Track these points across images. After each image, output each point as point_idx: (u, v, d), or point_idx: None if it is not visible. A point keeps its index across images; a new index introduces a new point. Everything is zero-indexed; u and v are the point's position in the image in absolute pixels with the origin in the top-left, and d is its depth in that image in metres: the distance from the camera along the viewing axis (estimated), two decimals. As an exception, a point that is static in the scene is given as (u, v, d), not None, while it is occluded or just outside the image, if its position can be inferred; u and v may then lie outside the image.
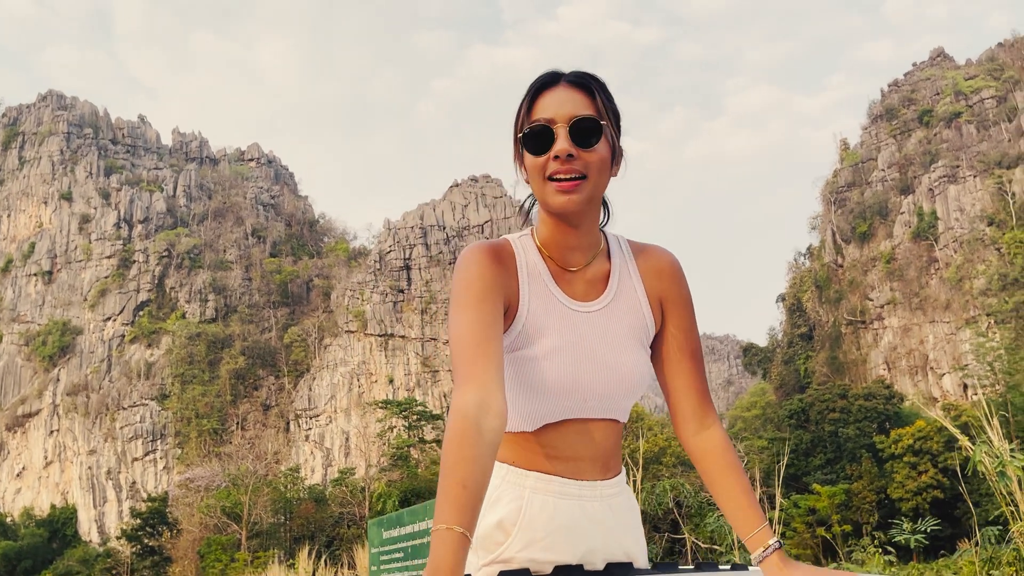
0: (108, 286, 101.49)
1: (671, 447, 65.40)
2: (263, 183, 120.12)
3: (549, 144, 1.48)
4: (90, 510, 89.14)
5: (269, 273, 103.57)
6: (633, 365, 1.56)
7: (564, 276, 1.58)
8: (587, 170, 1.47)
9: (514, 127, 1.54)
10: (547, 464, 1.58)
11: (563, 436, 1.58)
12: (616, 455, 1.62)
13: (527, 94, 1.53)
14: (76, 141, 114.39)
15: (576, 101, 1.49)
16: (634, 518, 1.65)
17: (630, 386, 1.57)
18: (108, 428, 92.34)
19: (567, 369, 1.54)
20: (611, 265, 1.61)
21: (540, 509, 1.56)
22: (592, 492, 1.58)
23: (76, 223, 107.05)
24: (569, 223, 1.53)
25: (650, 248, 1.66)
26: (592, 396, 1.55)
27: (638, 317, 1.60)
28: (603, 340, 1.56)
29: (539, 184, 1.50)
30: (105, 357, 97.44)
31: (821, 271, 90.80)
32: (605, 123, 1.49)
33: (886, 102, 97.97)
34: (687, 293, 1.64)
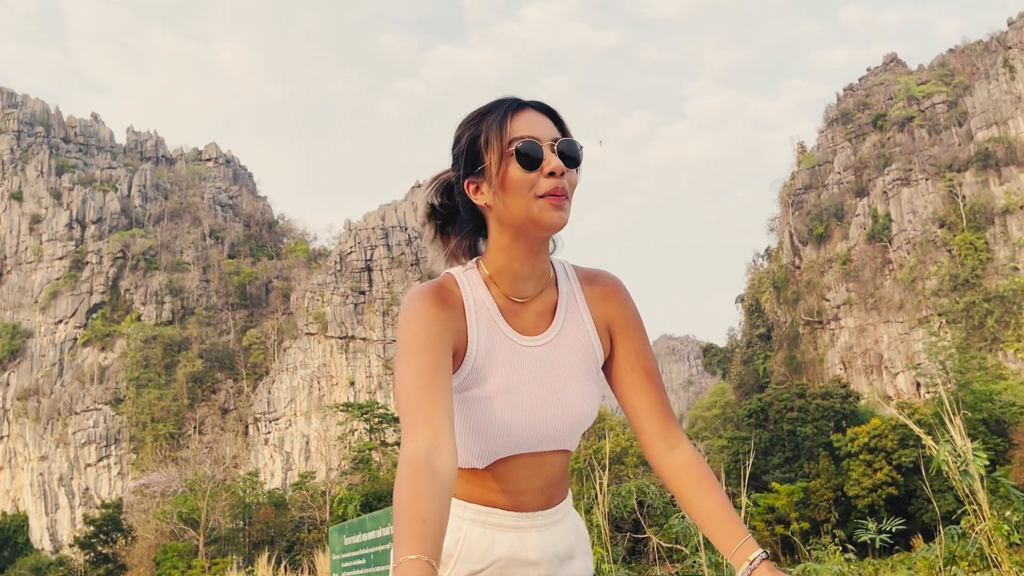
0: (60, 288, 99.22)
1: (633, 447, 65.81)
2: (221, 183, 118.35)
3: (540, 161, 1.45)
4: (42, 517, 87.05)
5: (227, 275, 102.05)
6: (581, 398, 1.54)
7: (512, 309, 1.55)
8: (568, 192, 1.47)
9: (481, 142, 1.49)
10: (488, 497, 1.56)
11: (512, 471, 1.56)
12: (563, 482, 1.61)
13: (498, 113, 1.49)
14: (27, 139, 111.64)
15: (549, 126, 1.51)
16: (579, 541, 1.63)
17: (579, 419, 1.55)
18: (60, 433, 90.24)
19: (516, 408, 1.51)
20: (559, 294, 1.59)
21: (478, 541, 1.54)
22: (531, 523, 1.56)
23: (26, 223, 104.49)
24: (534, 246, 1.51)
25: (595, 274, 1.64)
26: (541, 433, 1.53)
27: (586, 347, 1.57)
28: (551, 375, 1.54)
29: (526, 201, 1.46)
30: (57, 361, 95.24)
31: (779, 272, 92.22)
32: (582, 148, 1.52)
33: (841, 106, 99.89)
34: (635, 315, 1.62)
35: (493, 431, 1.51)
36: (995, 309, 73.73)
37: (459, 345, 1.49)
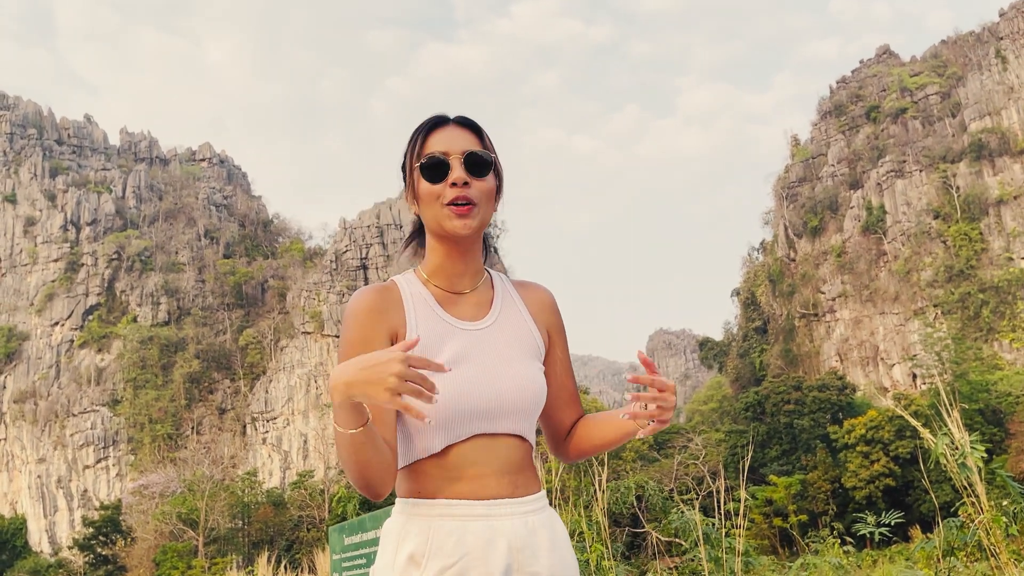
0: (55, 290, 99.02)
1: (631, 442, 65.94)
2: (215, 183, 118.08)
3: (445, 174, 1.64)
4: (40, 520, 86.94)
5: (223, 275, 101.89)
6: (528, 375, 1.66)
7: (450, 299, 1.70)
8: (478, 198, 1.65)
9: (407, 161, 1.70)
10: (451, 488, 1.61)
11: (466, 454, 1.62)
12: (527, 473, 1.66)
13: (419, 132, 1.69)
14: (19, 142, 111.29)
15: (466, 138, 1.68)
16: (557, 537, 1.66)
17: (531, 396, 1.65)
18: (58, 435, 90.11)
19: (469, 379, 1.61)
20: (494, 291, 1.75)
21: (448, 535, 1.58)
22: (501, 510, 1.60)
23: (21, 226, 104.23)
24: (459, 247, 1.68)
25: (530, 284, 1.81)
26: (497, 405, 1.62)
27: (526, 333, 1.71)
28: (495, 353, 1.66)
29: (434, 210, 1.65)
30: (53, 363, 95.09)
31: (774, 265, 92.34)
32: (494, 156, 1.70)
33: (835, 99, 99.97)
34: (561, 322, 1.80)
35: (450, 403, 1.58)
36: (990, 299, 73.95)
37: (398, 332, 1.64)
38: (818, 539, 7.33)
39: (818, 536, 6.64)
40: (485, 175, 1.67)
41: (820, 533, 6.51)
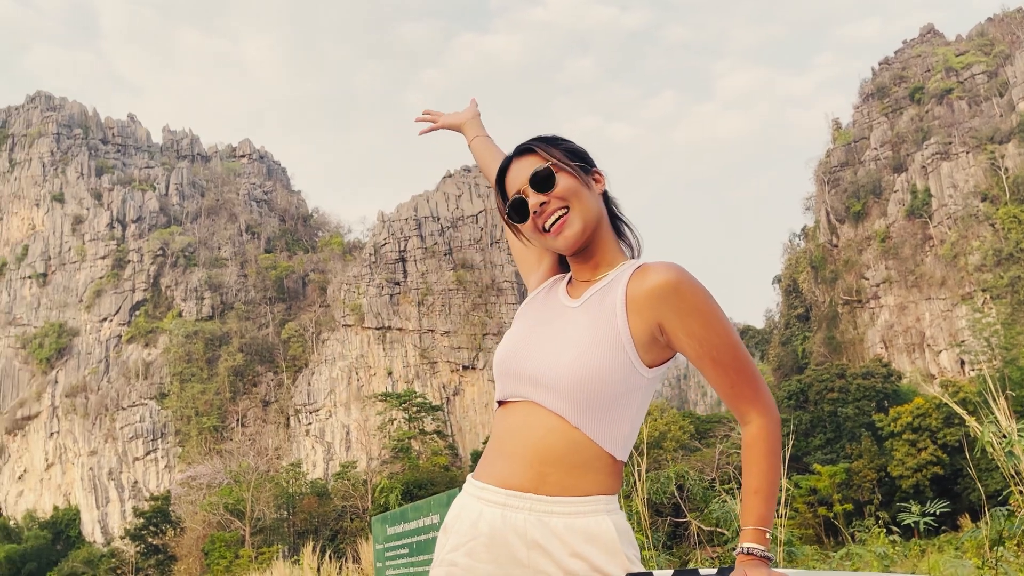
0: (103, 287, 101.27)
1: (671, 432, 65.56)
2: (256, 179, 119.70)
3: (526, 208, 1.74)
4: (93, 511, 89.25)
5: (264, 269, 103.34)
6: (575, 357, 1.62)
7: (576, 285, 1.80)
8: (565, 202, 1.71)
9: (499, 212, 1.85)
10: (483, 467, 1.70)
11: (502, 425, 1.71)
12: (564, 468, 1.61)
13: (496, 186, 1.84)
14: (66, 142, 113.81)
15: (526, 165, 1.76)
16: (595, 547, 1.59)
17: (559, 372, 1.63)
18: (108, 428, 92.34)
19: (515, 338, 1.75)
20: (607, 277, 1.74)
21: (464, 512, 1.68)
22: (521, 503, 1.60)
23: (69, 224, 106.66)
24: (578, 256, 1.78)
25: (649, 269, 1.69)
26: (520, 373, 1.69)
27: (606, 322, 1.66)
28: (558, 326, 1.71)
29: (540, 239, 1.76)
30: (103, 358, 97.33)
31: (816, 251, 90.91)
32: (551, 163, 1.73)
33: (877, 80, 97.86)
34: (689, 304, 1.64)
35: (498, 357, 1.77)
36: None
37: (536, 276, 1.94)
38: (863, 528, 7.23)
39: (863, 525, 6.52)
40: (555, 182, 1.71)
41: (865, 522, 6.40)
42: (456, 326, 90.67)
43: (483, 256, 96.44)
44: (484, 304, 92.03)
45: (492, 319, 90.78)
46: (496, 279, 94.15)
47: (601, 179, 1.81)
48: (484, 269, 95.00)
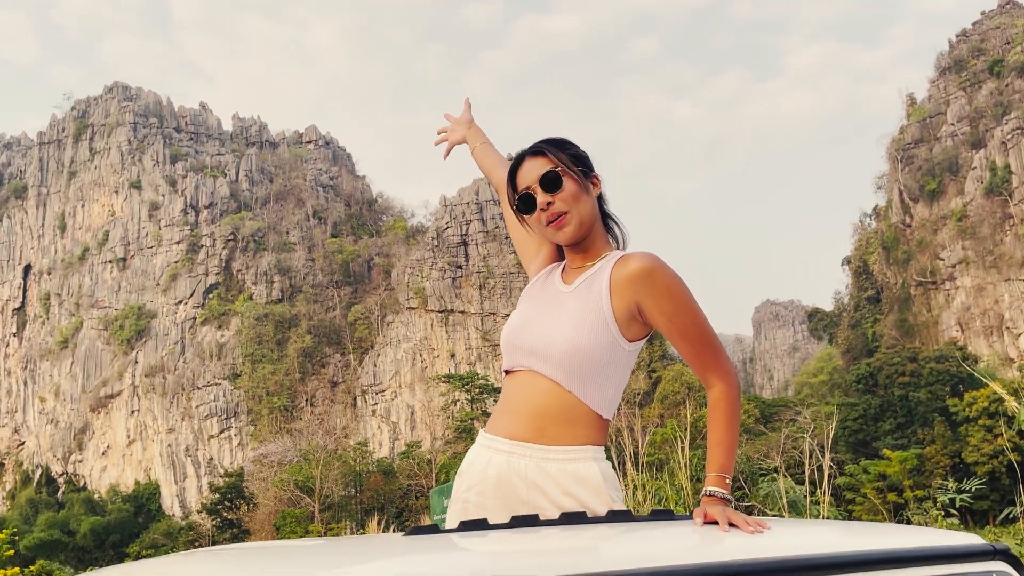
0: (179, 271, 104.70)
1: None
2: (322, 164, 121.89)
3: (534, 202, 2.04)
4: (171, 485, 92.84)
5: (331, 253, 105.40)
6: (566, 331, 1.94)
7: (568, 272, 2.10)
8: (568, 205, 2.01)
9: (510, 202, 2.15)
10: (493, 423, 2.02)
11: (508, 389, 2.03)
12: (558, 423, 1.93)
13: (508, 180, 2.13)
14: (142, 131, 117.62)
15: (537, 164, 2.05)
16: (584, 487, 1.89)
17: (555, 344, 1.94)
18: (185, 407, 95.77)
19: (518, 318, 2.07)
20: (595, 267, 2.04)
21: (476, 459, 2.01)
22: (523, 451, 1.93)
23: (146, 210, 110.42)
24: (572, 247, 2.09)
25: (630, 257, 1.98)
26: (524, 346, 2.00)
27: (594, 303, 1.96)
28: (553, 307, 2.02)
29: (542, 230, 2.09)
30: (179, 339, 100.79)
31: (888, 232, 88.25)
32: (560, 168, 2.02)
33: (954, 53, 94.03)
34: (661, 286, 1.92)
35: (506, 333, 2.08)
36: None
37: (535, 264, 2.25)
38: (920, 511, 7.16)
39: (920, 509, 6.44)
40: (561, 185, 2.01)
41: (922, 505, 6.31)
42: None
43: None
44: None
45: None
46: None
47: (598, 183, 2.12)
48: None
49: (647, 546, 1.50)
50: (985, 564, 1.55)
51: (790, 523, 1.87)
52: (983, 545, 1.59)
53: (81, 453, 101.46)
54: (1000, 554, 1.58)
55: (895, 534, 1.71)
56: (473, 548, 1.52)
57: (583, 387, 1.93)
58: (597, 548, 1.52)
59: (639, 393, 71.66)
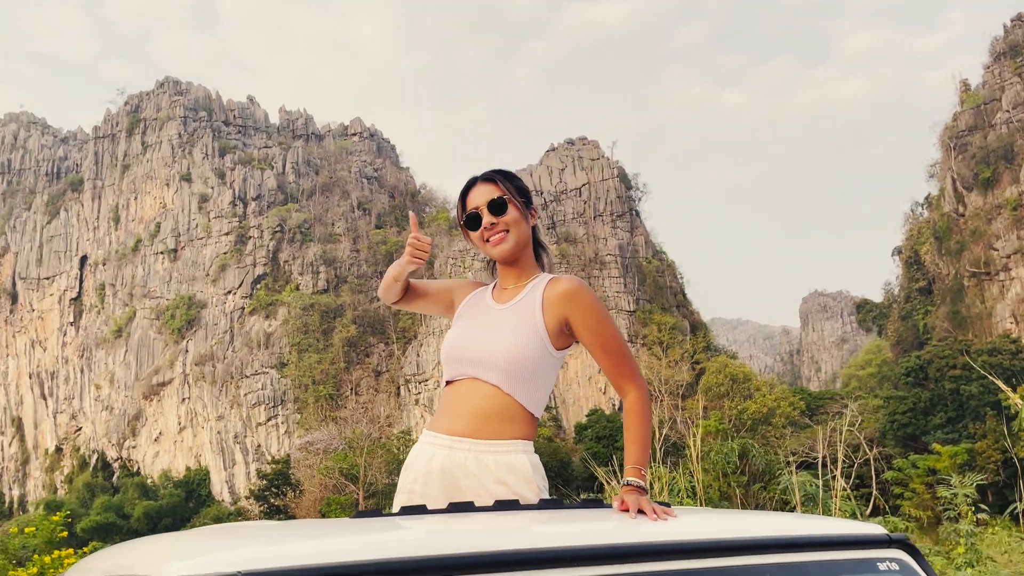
0: (227, 261, 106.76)
1: (780, 408, 64.09)
2: (366, 156, 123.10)
3: (479, 221, 2.38)
4: (221, 472, 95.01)
5: (375, 244, 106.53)
6: (509, 341, 2.27)
7: (501, 292, 2.44)
8: (508, 227, 2.37)
9: (458, 216, 2.46)
10: (435, 422, 2.34)
11: (452, 397, 2.33)
12: (496, 421, 2.26)
13: (460, 199, 2.44)
14: (192, 124, 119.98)
15: (487, 191, 2.40)
16: (514, 476, 2.20)
17: (495, 353, 2.26)
18: (233, 395, 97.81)
19: (460, 333, 2.37)
20: (527, 287, 2.39)
21: (420, 454, 2.33)
22: (462, 446, 2.25)
23: (196, 203, 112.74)
24: (504, 263, 2.43)
25: (560, 280, 2.36)
26: (467, 358, 2.30)
27: (530, 317, 2.30)
28: (493, 323, 2.33)
29: (482, 246, 2.42)
30: (228, 329, 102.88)
31: (940, 221, 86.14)
32: (507, 196, 2.38)
33: (1010, 38, 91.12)
34: (586, 305, 2.29)
35: (447, 348, 2.38)
36: None
37: (455, 302, 2.52)
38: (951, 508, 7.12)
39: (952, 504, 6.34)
40: (506, 210, 2.39)
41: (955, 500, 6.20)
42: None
43: (586, 229, 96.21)
44: (587, 277, 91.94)
45: (596, 292, 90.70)
46: (599, 252, 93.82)
47: (535, 215, 2.49)
48: (587, 243, 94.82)
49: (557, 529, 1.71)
50: (883, 551, 1.72)
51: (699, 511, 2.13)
52: (882, 534, 1.76)
53: (135, 439, 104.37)
54: (898, 543, 1.75)
55: (799, 522, 1.89)
56: (408, 528, 1.71)
57: (520, 389, 2.25)
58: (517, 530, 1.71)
59: (682, 385, 71.20)
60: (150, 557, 1.52)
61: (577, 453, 54.68)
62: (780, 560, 1.62)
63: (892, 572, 1.70)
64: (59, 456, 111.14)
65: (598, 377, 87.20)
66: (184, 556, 1.39)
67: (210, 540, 1.58)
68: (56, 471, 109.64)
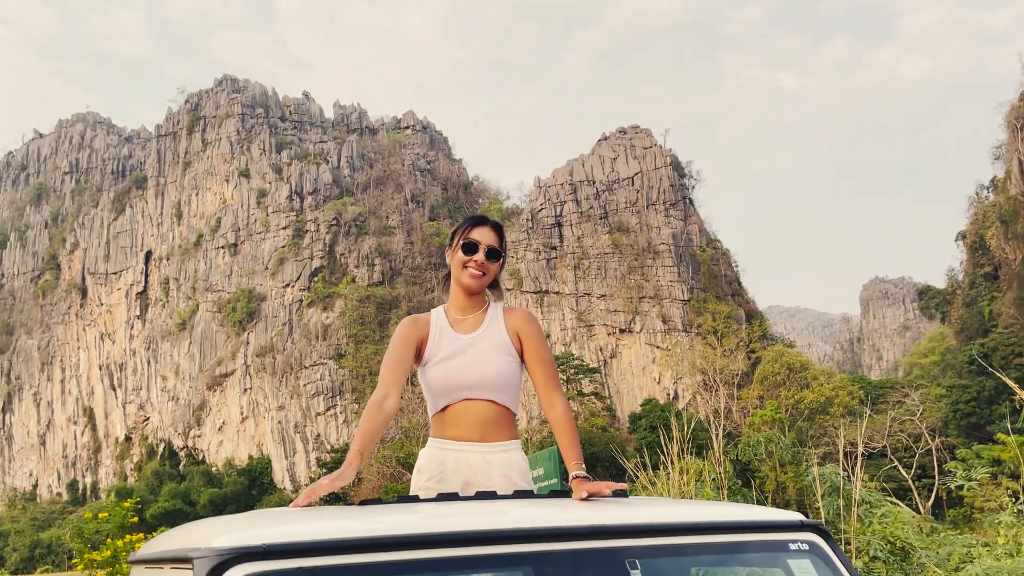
0: (285, 255, 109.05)
1: (838, 397, 62.99)
2: (419, 149, 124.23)
3: (474, 253, 2.83)
4: (282, 460, 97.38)
5: (429, 236, 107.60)
6: (495, 366, 2.79)
7: (459, 321, 2.87)
8: (487, 271, 2.85)
9: (456, 233, 2.90)
10: (446, 432, 2.81)
11: (454, 414, 2.79)
12: (495, 427, 2.79)
13: (468, 223, 2.90)
14: (250, 121, 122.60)
15: (492, 237, 2.87)
16: (512, 469, 2.77)
17: (491, 377, 2.78)
18: (293, 386, 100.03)
19: (451, 369, 2.79)
20: (487, 315, 2.88)
21: (432, 457, 2.80)
22: (471, 449, 2.77)
23: (254, 198, 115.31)
24: (469, 293, 2.87)
25: (513, 309, 2.92)
26: (464, 385, 2.78)
27: (502, 340, 2.83)
28: (474, 352, 2.79)
29: (460, 268, 2.87)
30: (287, 321, 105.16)
31: (1007, 205, 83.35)
32: (503, 253, 2.90)
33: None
34: (534, 329, 2.87)
35: (441, 383, 2.80)
36: None
37: (422, 343, 2.84)
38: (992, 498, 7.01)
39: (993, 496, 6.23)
40: (495, 262, 2.88)
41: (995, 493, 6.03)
42: (612, 289, 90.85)
43: (639, 219, 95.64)
44: (640, 267, 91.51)
45: (648, 282, 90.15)
46: (652, 242, 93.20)
47: (504, 263, 2.97)
48: (640, 232, 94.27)
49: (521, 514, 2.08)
50: (796, 535, 2.02)
51: (651, 500, 2.61)
52: (795, 520, 2.07)
53: (200, 428, 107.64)
54: (812, 527, 2.05)
55: (728, 509, 2.21)
56: (402, 513, 2.04)
57: (506, 399, 2.80)
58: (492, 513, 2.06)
59: (737, 374, 70.47)
60: (199, 535, 1.88)
61: (631, 443, 54.70)
62: (705, 541, 1.95)
63: (802, 552, 2.00)
64: (128, 445, 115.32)
65: (652, 367, 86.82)
66: (224, 533, 1.75)
67: (248, 521, 1.94)
68: (126, 459, 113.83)
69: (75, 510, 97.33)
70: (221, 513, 69.93)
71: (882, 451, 46.61)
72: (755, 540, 2.02)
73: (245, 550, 1.65)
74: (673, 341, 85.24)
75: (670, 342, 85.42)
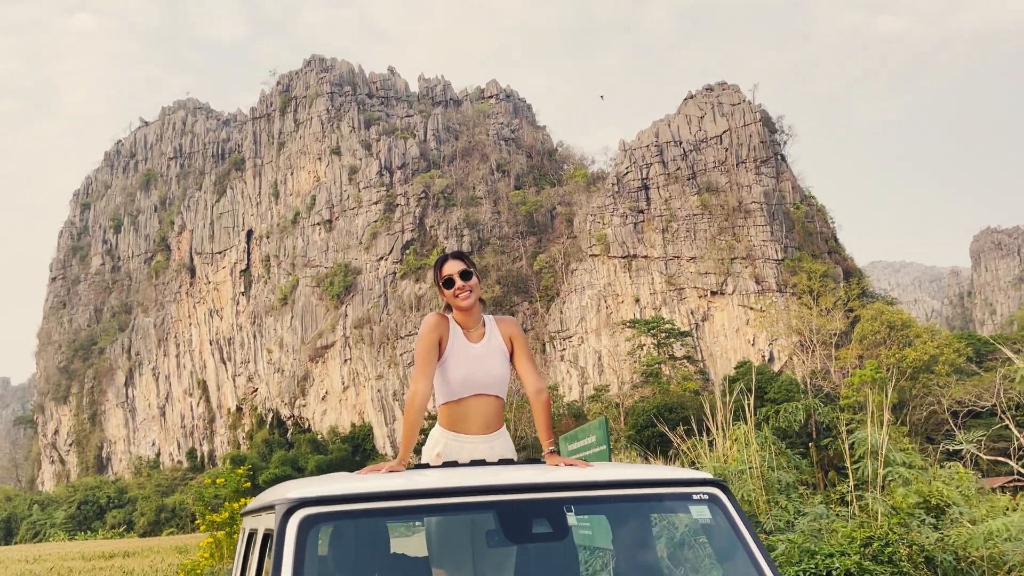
0: (378, 229, 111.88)
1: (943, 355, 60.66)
2: (503, 118, 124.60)
3: (452, 284, 3.60)
4: (383, 427, 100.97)
5: (515, 205, 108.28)
6: (498, 369, 3.60)
7: (467, 332, 3.63)
8: (471, 288, 3.59)
9: (436, 277, 3.68)
10: (456, 425, 3.60)
11: (465, 408, 3.58)
12: (496, 418, 3.61)
13: (437, 265, 3.70)
14: (339, 99, 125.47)
15: (459, 264, 3.64)
16: (505, 449, 3.62)
17: (496, 377, 3.59)
18: (390, 356, 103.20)
19: (466, 370, 3.56)
20: (485, 328, 3.66)
21: (451, 446, 3.60)
22: (477, 439, 3.59)
23: (346, 175, 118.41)
24: (465, 311, 3.60)
25: (503, 319, 3.74)
26: (478, 381, 3.55)
27: (501, 349, 3.64)
28: (482, 358, 3.57)
29: (452, 300, 3.61)
30: (381, 293, 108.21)
31: None
32: (473, 271, 3.63)
33: None
34: (521, 333, 3.74)
35: (458, 380, 3.56)
36: None
37: (443, 340, 3.57)
38: None
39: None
40: (471, 278, 3.61)
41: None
42: (702, 251, 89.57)
43: (728, 178, 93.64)
44: (731, 227, 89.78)
45: (740, 243, 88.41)
46: (743, 201, 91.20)
47: (479, 278, 3.72)
48: (730, 191, 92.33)
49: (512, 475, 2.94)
50: (704, 489, 2.71)
51: (605, 465, 3.41)
52: (701, 477, 2.75)
53: (304, 398, 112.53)
54: (714, 483, 2.73)
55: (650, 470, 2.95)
56: (428, 474, 2.98)
57: (503, 392, 3.63)
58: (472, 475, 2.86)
59: (835, 334, 68.69)
60: (280, 491, 2.76)
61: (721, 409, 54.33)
62: (628, 493, 2.70)
63: (703, 501, 2.73)
64: (240, 415, 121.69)
65: (745, 329, 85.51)
66: (295, 488, 2.61)
67: (318, 481, 2.81)
68: (238, 428, 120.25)
69: (195, 476, 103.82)
70: (327, 478, 74.02)
71: (991, 410, 44.93)
72: (667, 492, 2.78)
73: (306, 499, 2.49)
74: (767, 302, 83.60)
75: (764, 303, 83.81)
